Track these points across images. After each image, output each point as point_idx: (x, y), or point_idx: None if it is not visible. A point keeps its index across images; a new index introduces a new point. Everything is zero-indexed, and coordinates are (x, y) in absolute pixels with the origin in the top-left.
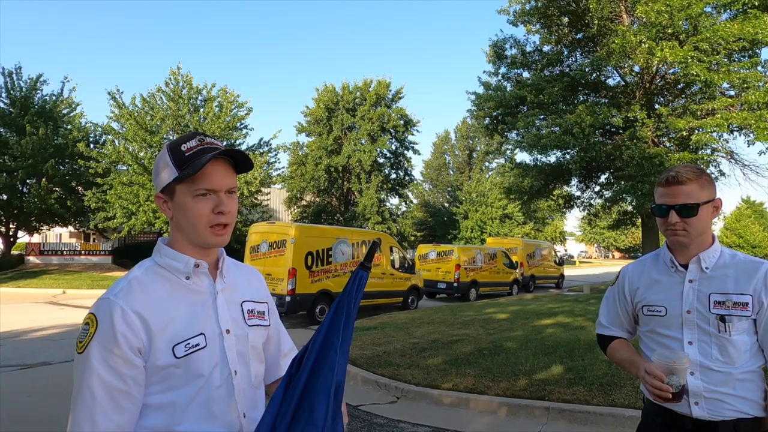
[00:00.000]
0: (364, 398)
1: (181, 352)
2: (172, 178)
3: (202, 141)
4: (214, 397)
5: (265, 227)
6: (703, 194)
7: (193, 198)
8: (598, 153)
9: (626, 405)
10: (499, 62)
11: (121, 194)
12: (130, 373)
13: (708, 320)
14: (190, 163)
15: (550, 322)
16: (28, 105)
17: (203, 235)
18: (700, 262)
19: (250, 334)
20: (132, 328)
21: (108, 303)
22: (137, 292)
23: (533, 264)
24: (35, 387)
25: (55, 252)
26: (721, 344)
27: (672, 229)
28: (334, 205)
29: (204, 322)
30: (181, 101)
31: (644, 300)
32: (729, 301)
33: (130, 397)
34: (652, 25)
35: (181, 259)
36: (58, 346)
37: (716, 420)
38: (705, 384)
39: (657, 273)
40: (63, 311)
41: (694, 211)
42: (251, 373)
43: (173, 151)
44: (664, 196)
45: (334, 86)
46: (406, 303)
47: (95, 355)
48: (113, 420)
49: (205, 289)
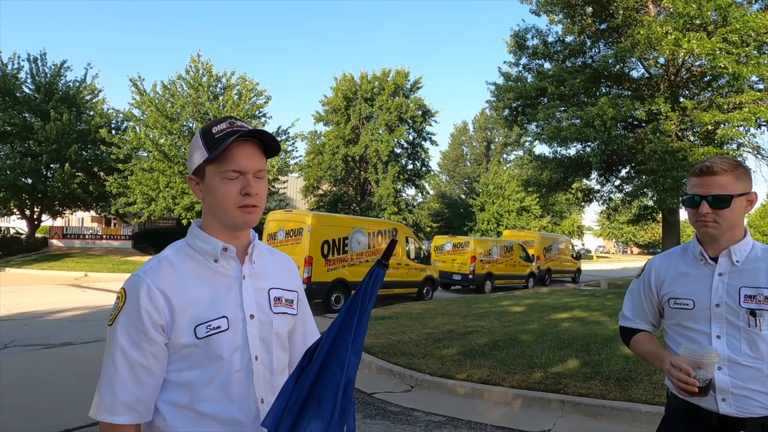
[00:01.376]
0: (378, 386)
1: (203, 333)
2: (203, 160)
3: (233, 124)
4: (232, 380)
5: (282, 215)
6: (737, 186)
7: (221, 179)
8: (620, 146)
9: (643, 400)
10: (521, 52)
11: (141, 180)
12: (150, 348)
13: (738, 314)
14: (219, 144)
15: (566, 316)
16: (52, 91)
17: (232, 215)
18: (731, 255)
19: (275, 321)
20: (156, 305)
21: (137, 279)
22: (165, 271)
23: (550, 257)
24: (59, 366)
25: (77, 236)
26: (751, 339)
27: (702, 220)
28: (350, 194)
29: (227, 306)
30: (201, 89)
31: (671, 293)
32: (761, 295)
33: (150, 372)
34: (679, 16)
35: (210, 241)
36: (80, 327)
37: (744, 417)
38: (733, 380)
39: (685, 265)
40: (85, 293)
41: (726, 203)
42: (273, 359)
43: (205, 133)
44: (697, 186)
45: (353, 75)
46: (421, 293)
47: (121, 328)
48: (132, 391)
49: (232, 273)
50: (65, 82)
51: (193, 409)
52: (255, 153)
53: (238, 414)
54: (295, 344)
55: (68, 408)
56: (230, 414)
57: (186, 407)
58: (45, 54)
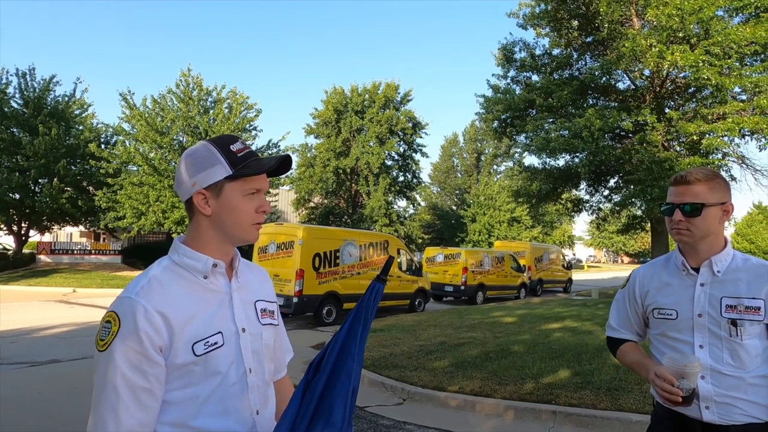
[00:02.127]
0: (370, 399)
1: (201, 350)
2: (225, 176)
3: (245, 143)
4: (229, 394)
5: (273, 228)
6: (711, 196)
7: (244, 197)
8: (608, 157)
9: (634, 410)
10: (509, 65)
11: (131, 194)
12: (152, 371)
13: (719, 324)
14: (244, 163)
15: (558, 326)
16: (41, 105)
17: (247, 231)
18: (712, 265)
19: (263, 332)
20: (155, 327)
21: (130, 302)
22: (157, 291)
23: (541, 268)
24: (45, 384)
25: (65, 251)
26: (733, 348)
27: (676, 228)
28: (341, 207)
29: (221, 321)
30: (191, 103)
31: (655, 303)
32: (741, 305)
33: (153, 395)
34: (662, 29)
35: (200, 258)
36: (67, 344)
37: (726, 424)
38: (716, 388)
39: (668, 276)
40: (73, 310)
41: (698, 212)
42: (264, 371)
43: (223, 149)
44: (672, 195)
45: (343, 88)
46: (413, 305)
47: (119, 354)
48: (136, 417)
49: (222, 289)
50: (54, 97)
51: (189, 426)
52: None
53: (233, 427)
54: (276, 354)
55: (57, 426)
56: (226, 427)
57: (182, 424)
58: (34, 69)
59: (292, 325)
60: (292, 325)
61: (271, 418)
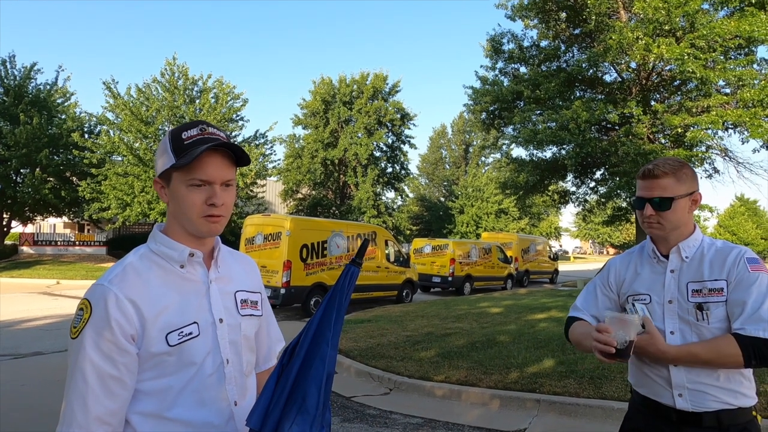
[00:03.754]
0: (357, 390)
1: (175, 341)
2: (169, 165)
3: (204, 130)
4: (205, 385)
5: (260, 219)
6: (679, 188)
7: (187, 187)
8: (594, 149)
9: (615, 398)
10: (497, 57)
11: (115, 185)
12: (122, 360)
13: (687, 309)
14: (187, 151)
15: (543, 316)
16: (22, 94)
17: (195, 224)
18: (680, 251)
19: (242, 323)
20: (126, 315)
21: (102, 289)
22: (132, 279)
23: (528, 259)
24: (28, 376)
25: (49, 242)
26: (701, 333)
27: (648, 222)
28: (329, 198)
29: (197, 311)
30: (176, 92)
31: (630, 291)
32: (705, 288)
33: (122, 384)
34: (649, 22)
35: (176, 247)
36: (51, 336)
37: (699, 411)
38: (688, 375)
39: (641, 264)
40: (57, 301)
41: (668, 206)
42: (243, 362)
43: (174, 137)
44: (642, 189)
45: (331, 79)
46: (400, 296)
47: (89, 341)
48: (105, 405)
49: (199, 278)
50: (36, 85)
51: (164, 417)
52: (224, 163)
53: (210, 417)
54: (261, 344)
55: (39, 418)
56: (203, 418)
57: (157, 415)
58: (14, 56)
59: (280, 317)
60: (279, 316)
61: (249, 408)
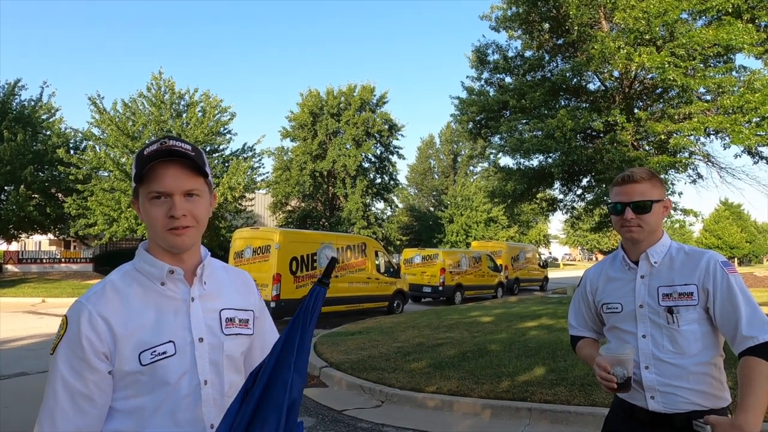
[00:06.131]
0: (348, 403)
1: (147, 360)
2: (135, 181)
3: (163, 144)
4: (180, 406)
5: (249, 233)
6: (654, 193)
7: (149, 201)
8: (580, 157)
9: (606, 404)
10: (482, 67)
11: (102, 201)
12: (92, 377)
13: (658, 313)
14: (144, 165)
15: (534, 324)
16: (5, 110)
17: (162, 237)
18: (649, 257)
19: (225, 343)
20: (97, 333)
21: (78, 306)
22: (109, 297)
23: (517, 267)
24: (12, 398)
25: (34, 260)
26: (672, 336)
27: (627, 225)
28: (319, 210)
29: (174, 330)
30: (163, 106)
31: (603, 299)
32: (675, 292)
33: (92, 402)
34: (630, 31)
35: (156, 264)
36: (36, 356)
37: (671, 413)
38: (659, 377)
39: (613, 272)
40: (42, 320)
41: (647, 209)
42: (224, 383)
43: (137, 155)
44: (619, 195)
45: (319, 91)
46: (391, 307)
47: (61, 357)
48: (73, 422)
49: (180, 296)
50: (20, 102)
51: None
52: (182, 173)
53: None
54: (255, 364)
55: None
56: None
57: None
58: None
59: None
60: None
61: None
